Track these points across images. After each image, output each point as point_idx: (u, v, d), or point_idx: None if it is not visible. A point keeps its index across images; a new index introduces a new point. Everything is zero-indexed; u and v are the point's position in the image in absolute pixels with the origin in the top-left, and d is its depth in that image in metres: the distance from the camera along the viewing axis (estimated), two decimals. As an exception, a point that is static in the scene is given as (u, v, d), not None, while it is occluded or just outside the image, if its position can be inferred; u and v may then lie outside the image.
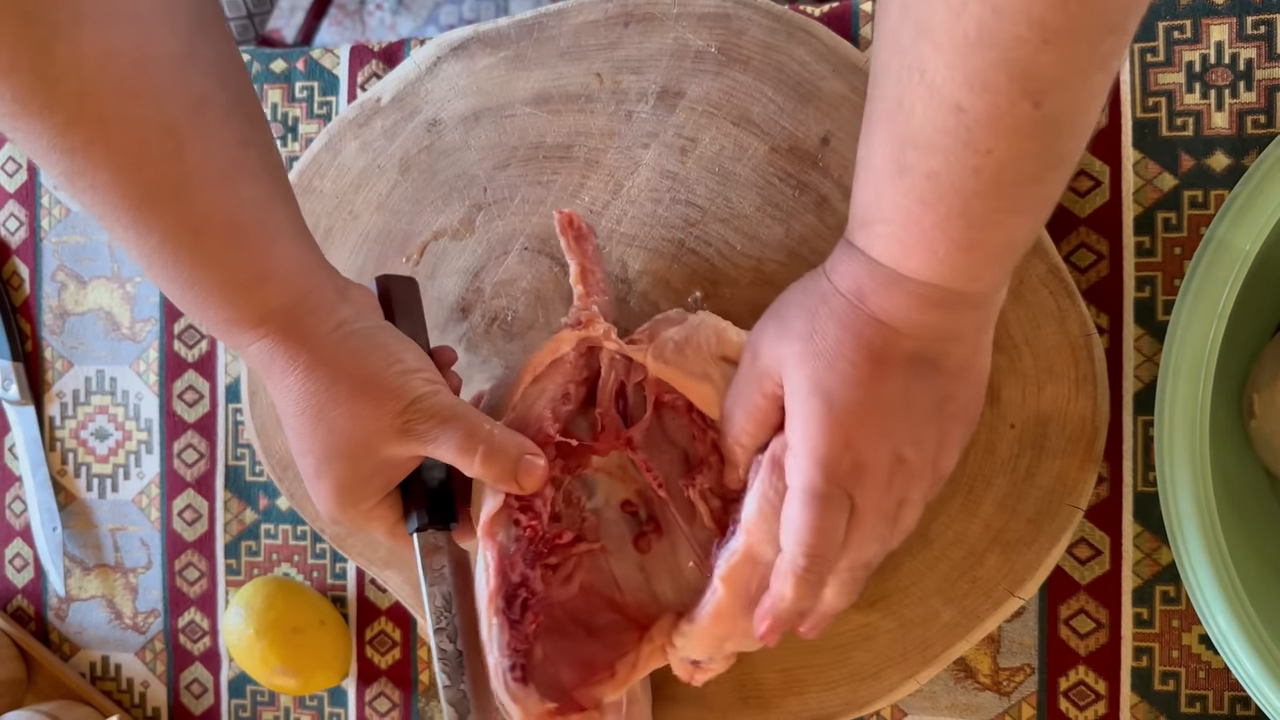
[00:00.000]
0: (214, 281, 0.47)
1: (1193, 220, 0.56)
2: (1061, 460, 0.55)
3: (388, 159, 0.63)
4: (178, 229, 0.45)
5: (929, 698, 0.60)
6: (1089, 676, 0.58)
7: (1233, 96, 0.56)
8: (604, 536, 0.55)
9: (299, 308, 0.48)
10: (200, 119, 0.43)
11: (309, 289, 0.49)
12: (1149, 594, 0.57)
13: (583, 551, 0.54)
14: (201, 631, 0.72)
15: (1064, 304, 0.55)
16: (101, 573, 0.73)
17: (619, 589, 0.54)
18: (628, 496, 0.56)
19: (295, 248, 0.49)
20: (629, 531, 0.55)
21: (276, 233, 0.48)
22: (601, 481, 0.56)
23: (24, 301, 0.74)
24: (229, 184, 0.45)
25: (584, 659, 0.53)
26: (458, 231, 0.63)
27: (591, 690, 0.52)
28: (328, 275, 0.50)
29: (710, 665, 0.53)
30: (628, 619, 0.54)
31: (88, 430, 0.73)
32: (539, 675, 0.51)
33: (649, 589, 0.55)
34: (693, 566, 0.54)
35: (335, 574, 0.69)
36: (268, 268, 0.47)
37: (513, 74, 0.61)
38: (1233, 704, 0.57)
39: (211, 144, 0.44)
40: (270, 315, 0.48)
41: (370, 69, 0.67)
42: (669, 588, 0.54)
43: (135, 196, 0.43)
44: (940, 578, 0.57)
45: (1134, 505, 0.57)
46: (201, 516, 0.71)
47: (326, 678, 0.67)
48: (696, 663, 0.53)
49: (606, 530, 0.55)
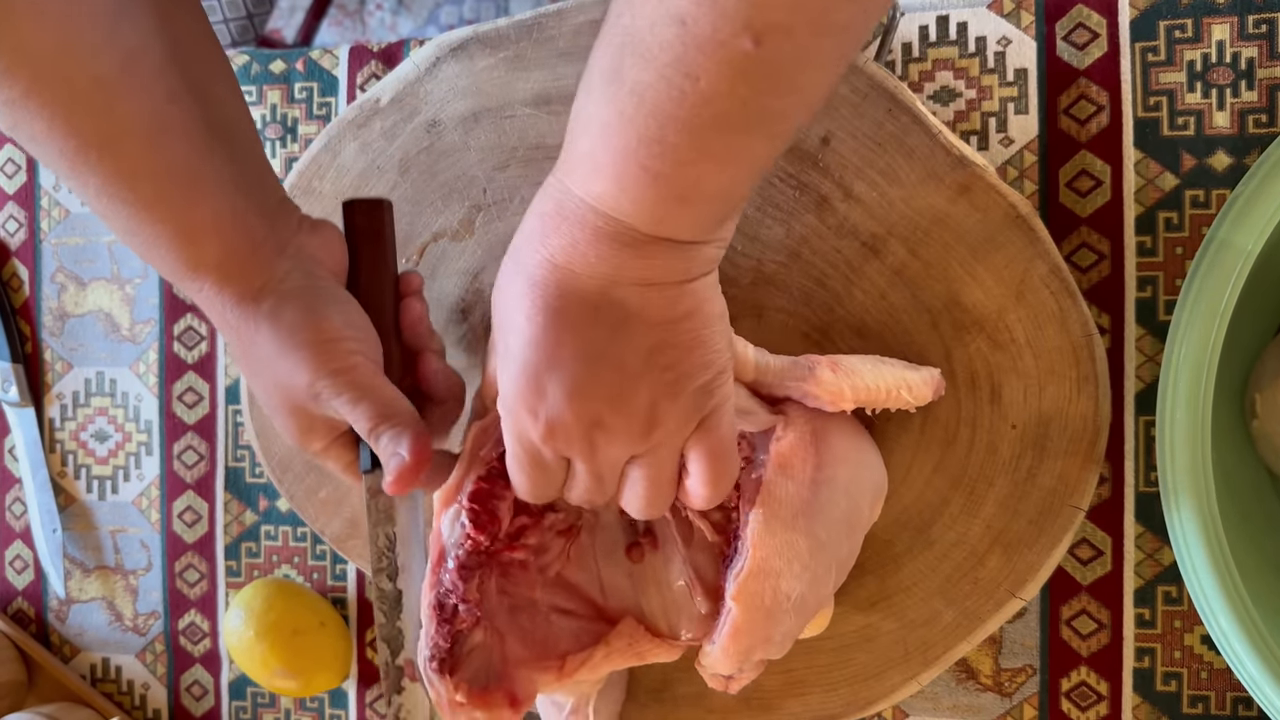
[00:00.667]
0: (149, 232, 0.48)
1: (1194, 220, 0.56)
2: (1063, 461, 0.55)
3: (387, 160, 0.63)
4: (113, 180, 0.46)
5: (930, 699, 0.60)
6: (1091, 677, 0.58)
7: (1234, 96, 0.55)
8: (598, 539, 0.55)
9: (228, 264, 0.49)
10: (130, 74, 0.45)
11: (239, 242, 0.49)
12: (1151, 594, 0.57)
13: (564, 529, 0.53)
14: (202, 633, 0.72)
15: (1065, 304, 0.55)
16: (102, 574, 0.73)
17: (603, 593, 0.54)
18: None
19: (227, 202, 0.49)
20: (624, 539, 0.55)
21: (206, 187, 0.48)
22: None
23: (24, 303, 0.74)
24: (156, 139, 0.46)
25: (541, 639, 0.52)
26: (457, 233, 0.63)
27: (533, 675, 0.51)
28: (268, 228, 0.50)
29: (741, 676, 0.52)
30: (604, 620, 0.54)
31: (88, 432, 0.73)
32: (480, 652, 0.51)
33: (634, 599, 0.54)
34: (682, 586, 0.53)
35: (335, 575, 0.69)
36: (196, 222, 0.48)
37: (512, 75, 0.61)
38: (1235, 705, 0.56)
39: (141, 99, 0.46)
40: (204, 267, 0.49)
41: (369, 70, 0.67)
42: (655, 602, 0.53)
43: (70, 147, 0.45)
44: (942, 579, 0.57)
45: (1136, 506, 0.57)
46: (201, 518, 0.71)
47: (327, 679, 0.67)
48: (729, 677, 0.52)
49: (602, 533, 0.55)
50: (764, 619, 0.48)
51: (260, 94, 0.69)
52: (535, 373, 0.41)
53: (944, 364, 0.56)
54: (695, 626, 0.52)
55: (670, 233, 0.39)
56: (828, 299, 0.57)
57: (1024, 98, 0.58)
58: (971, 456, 0.56)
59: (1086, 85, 0.57)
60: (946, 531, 0.57)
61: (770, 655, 0.50)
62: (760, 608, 0.48)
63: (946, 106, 0.59)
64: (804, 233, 0.57)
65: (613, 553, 0.54)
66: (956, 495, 0.56)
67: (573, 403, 0.41)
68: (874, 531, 0.57)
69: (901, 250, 0.56)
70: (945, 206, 0.55)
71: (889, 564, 0.57)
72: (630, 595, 0.53)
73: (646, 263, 0.40)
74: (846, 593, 0.58)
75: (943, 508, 0.57)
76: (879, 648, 0.58)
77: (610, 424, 0.42)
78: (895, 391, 0.51)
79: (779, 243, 0.57)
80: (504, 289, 0.43)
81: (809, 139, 0.57)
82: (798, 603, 0.49)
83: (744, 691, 0.59)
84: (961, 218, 0.55)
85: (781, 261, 0.57)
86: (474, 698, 0.49)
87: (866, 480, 0.53)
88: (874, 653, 0.58)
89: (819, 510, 0.50)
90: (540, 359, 0.41)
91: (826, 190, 0.57)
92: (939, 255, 0.56)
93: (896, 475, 0.57)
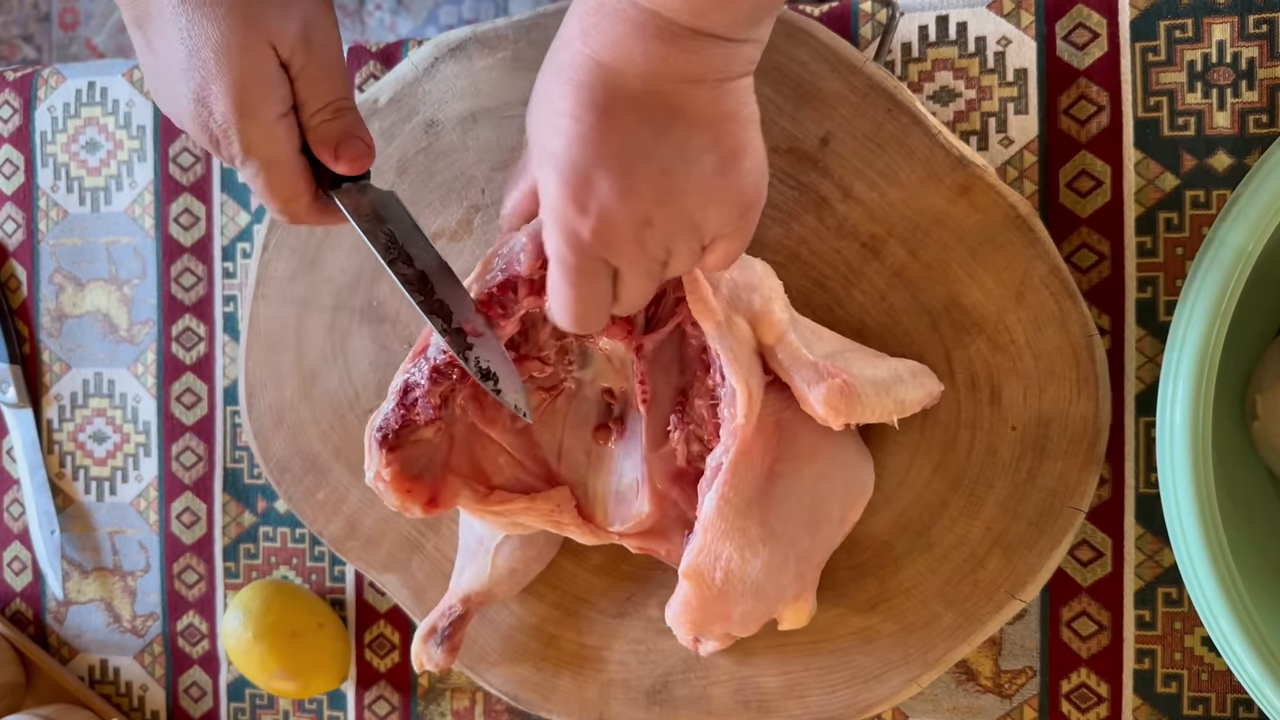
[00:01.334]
0: None
1: (1194, 220, 0.56)
2: (1063, 462, 0.55)
3: (385, 160, 0.63)
4: None
5: (930, 701, 0.60)
6: (1091, 679, 0.58)
7: (1234, 96, 0.55)
8: (573, 408, 0.56)
9: None
10: None
11: None
12: (1151, 596, 0.57)
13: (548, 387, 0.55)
14: (200, 635, 0.71)
15: (1065, 305, 0.54)
16: (100, 576, 0.73)
17: (558, 458, 0.56)
18: (613, 386, 0.56)
19: None
20: (595, 417, 0.56)
21: None
22: (598, 360, 0.56)
23: (21, 304, 0.74)
24: None
25: (482, 463, 0.55)
26: (456, 233, 0.62)
27: (460, 488, 0.54)
28: None
29: (704, 643, 0.55)
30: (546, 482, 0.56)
31: (86, 433, 0.73)
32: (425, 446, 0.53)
33: (583, 474, 0.56)
34: (631, 481, 0.55)
35: (334, 577, 0.69)
36: None
37: (510, 75, 0.61)
38: (1235, 706, 0.56)
39: None
40: None
41: (368, 70, 0.67)
42: (600, 486, 0.56)
43: None
44: (941, 581, 0.56)
45: (1136, 507, 0.57)
46: (200, 519, 0.71)
47: (325, 681, 0.67)
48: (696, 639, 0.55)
49: (579, 404, 0.56)
50: (716, 598, 0.51)
51: (258, 94, 0.69)
52: (584, 170, 0.40)
53: (944, 365, 0.56)
54: (629, 525, 0.55)
55: (710, 26, 0.40)
56: (827, 300, 0.57)
57: (1024, 98, 0.58)
58: (971, 458, 0.56)
59: (1087, 85, 0.57)
60: (946, 533, 0.56)
61: (734, 632, 0.54)
62: (709, 586, 0.51)
63: (946, 107, 0.59)
64: (803, 233, 0.57)
65: (581, 426, 0.56)
66: (956, 497, 0.56)
67: (624, 200, 0.41)
68: (873, 533, 0.57)
69: (901, 251, 0.56)
70: (945, 207, 0.55)
71: (889, 566, 0.57)
72: (581, 469, 0.56)
73: (688, 58, 0.40)
74: (846, 595, 0.58)
75: (942, 509, 0.56)
76: (879, 650, 0.57)
77: (658, 223, 0.42)
78: (889, 417, 0.52)
79: (778, 243, 0.57)
80: (545, 93, 0.42)
81: (808, 139, 0.56)
82: (754, 587, 0.51)
83: (743, 693, 0.59)
84: (961, 218, 0.55)
85: (780, 262, 0.57)
86: (397, 480, 0.52)
87: (839, 480, 0.54)
88: (874, 655, 0.57)
89: (775, 502, 0.52)
90: (589, 156, 0.40)
91: (826, 191, 0.57)
92: (939, 256, 0.55)
93: (895, 477, 0.57)
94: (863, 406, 0.51)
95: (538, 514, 0.55)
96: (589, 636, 0.62)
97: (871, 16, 0.60)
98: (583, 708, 0.62)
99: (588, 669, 0.62)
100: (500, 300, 0.51)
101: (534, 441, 0.56)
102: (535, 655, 0.63)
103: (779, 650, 0.59)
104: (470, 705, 0.67)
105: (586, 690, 0.62)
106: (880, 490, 0.57)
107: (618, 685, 0.61)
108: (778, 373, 0.52)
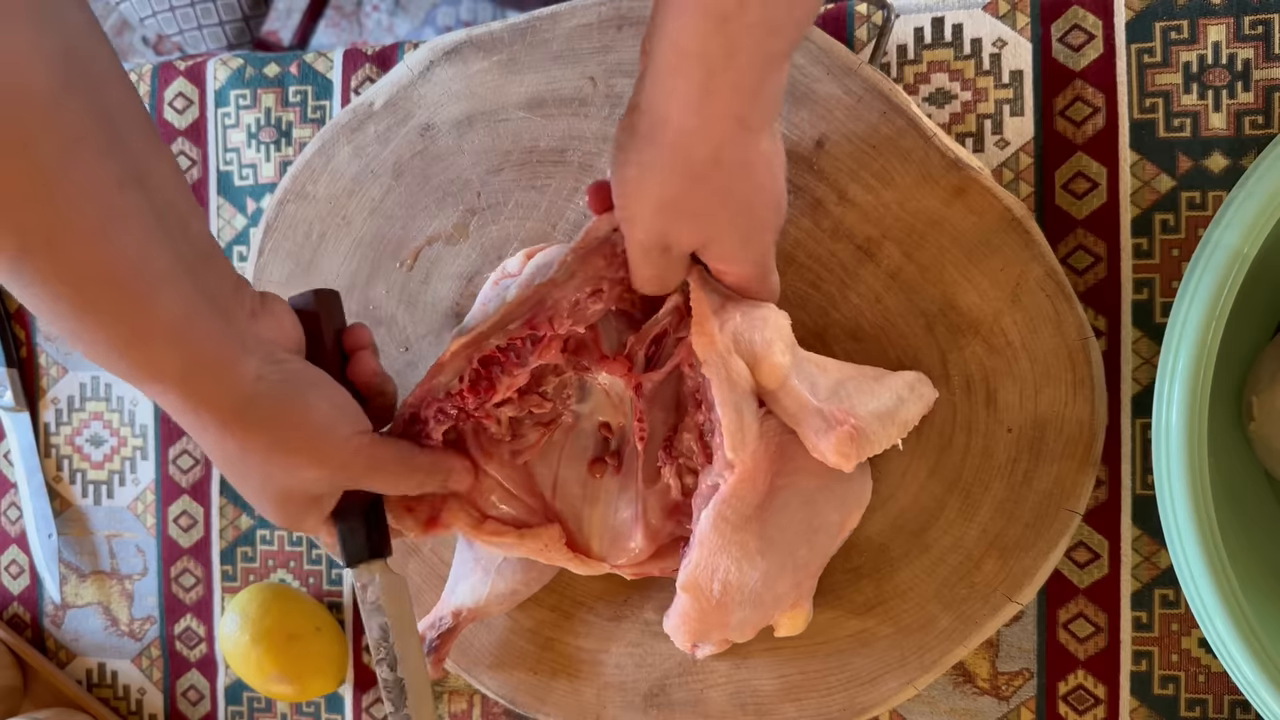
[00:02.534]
0: (99, 337, 0.43)
1: (1190, 222, 0.56)
2: (1059, 464, 0.55)
3: (381, 164, 0.63)
4: (55, 280, 0.41)
5: (927, 703, 0.60)
6: (1088, 680, 0.58)
7: (1230, 97, 0.55)
8: (570, 441, 0.56)
9: (193, 371, 0.45)
10: (72, 162, 0.40)
11: (200, 347, 0.45)
12: (1148, 598, 0.57)
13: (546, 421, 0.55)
14: (198, 638, 0.71)
15: (1061, 307, 0.54)
16: (97, 579, 0.73)
17: (553, 491, 0.56)
18: (611, 421, 0.56)
19: (181, 297, 0.44)
20: (592, 451, 0.56)
21: (159, 282, 0.44)
22: (597, 394, 0.56)
23: (18, 308, 0.74)
24: (104, 233, 0.41)
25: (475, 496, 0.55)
26: (451, 236, 0.62)
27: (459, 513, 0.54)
28: (225, 324, 0.46)
29: (703, 649, 0.55)
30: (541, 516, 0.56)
31: (83, 436, 0.73)
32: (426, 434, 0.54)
33: (578, 508, 0.56)
34: (626, 519, 0.55)
35: (331, 580, 0.69)
36: (150, 325, 0.43)
37: (506, 78, 0.61)
38: (1232, 708, 0.56)
39: (85, 189, 0.41)
40: (166, 377, 0.45)
41: (364, 73, 0.67)
42: (595, 520, 0.56)
43: (10, 247, 0.40)
44: (938, 583, 0.56)
45: (1132, 509, 0.57)
46: (197, 523, 0.71)
47: (323, 684, 0.67)
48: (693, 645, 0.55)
49: (576, 438, 0.56)
50: (714, 609, 0.52)
51: (255, 97, 0.69)
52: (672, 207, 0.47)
53: (939, 368, 0.56)
54: (624, 560, 0.56)
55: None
56: (822, 302, 0.57)
57: (1019, 100, 0.58)
58: (967, 460, 0.56)
59: (1082, 87, 0.57)
60: (942, 536, 0.56)
61: (733, 639, 0.55)
62: (707, 598, 0.52)
63: (942, 109, 0.59)
64: (798, 236, 0.57)
65: (577, 459, 0.56)
66: (952, 499, 0.56)
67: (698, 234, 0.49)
68: (870, 536, 0.57)
69: (896, 253, 0.56)
70: (940, 209, 0.55)
71: (885, 568, 0.57)
72: (576, 502, 0.56)
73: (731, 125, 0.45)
74: (842, 597, 0.58)
75: (939, 512, 0.56)
76: (875, 652, 0.57)
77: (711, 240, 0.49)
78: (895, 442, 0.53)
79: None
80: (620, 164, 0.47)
81: (804, 142, 0.56)
82: (751, 596, 0.52)
83: (740, 696, 0.59)
84: (957, 220, 0.55)
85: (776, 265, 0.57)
86: (397, 501, 0.54)
87: (837, 490, 0.54)
88: (871, 657, 0.57)
89: (773, 513, 0.52)
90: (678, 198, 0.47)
91: (821, 193, 0.57)
92: (934, 258, 0.55)
93: (891, 480, 0.57)
94: (871, 444, 0.51)
95: (530, 549, 0.55)
96: (586, 640, 0.62)
97: (867, 19, 0.60)
98: (579, 711, 0.62)
99: (584, 672, 0.62)
100: (519, 351, 0.52)
101: (530, 475, 0.56)
102: (532, 658, 0.63)
103: (776, 653, 0.59)
104: (467, 708, 0.67)
105: (583, 693, 0.62)
106: (876, 493, 0.57)
107: (614, 688, 0.61)
108: (785, 421, 0.52)
